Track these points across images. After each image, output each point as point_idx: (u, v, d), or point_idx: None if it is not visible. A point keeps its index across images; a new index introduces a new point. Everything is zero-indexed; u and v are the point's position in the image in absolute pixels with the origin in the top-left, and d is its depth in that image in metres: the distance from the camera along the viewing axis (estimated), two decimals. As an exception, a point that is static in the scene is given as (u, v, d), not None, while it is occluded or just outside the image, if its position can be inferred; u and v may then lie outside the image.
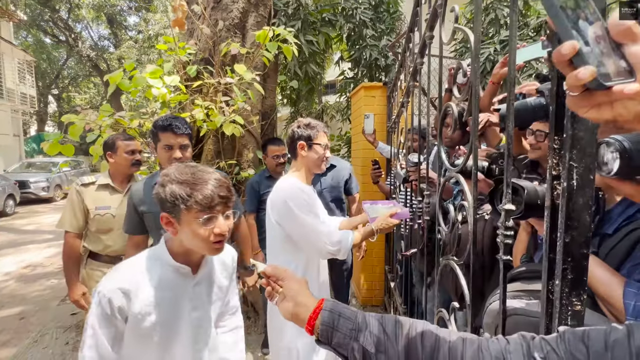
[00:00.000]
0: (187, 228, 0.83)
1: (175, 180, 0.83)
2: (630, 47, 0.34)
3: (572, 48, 0.33)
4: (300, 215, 1.30)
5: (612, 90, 0.34)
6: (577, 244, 0.49)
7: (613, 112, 0.36)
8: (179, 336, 0.91)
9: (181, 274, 0.91)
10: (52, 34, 18.20)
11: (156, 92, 2.30)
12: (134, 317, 0.83)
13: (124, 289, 0.82)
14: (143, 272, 0.87)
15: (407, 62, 1.81)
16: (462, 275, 0.99)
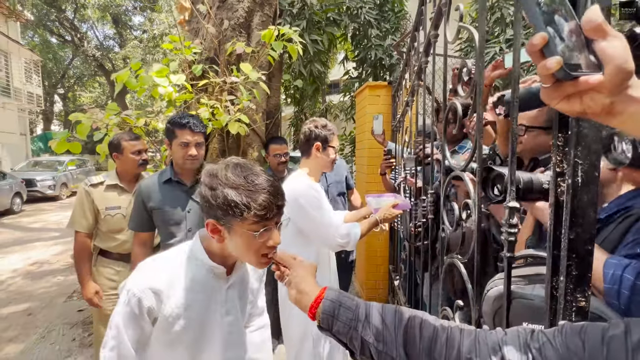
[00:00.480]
0: (238, 239, 0.75)
1: (228, 185, 0.73)
2: (600, 42, 0.36)
3: (541, 39, 0.36)
4: (311, 212, 1.37)
5: (578, 81, 0.36)
6: (582, 241, 0.49)
7: (582, 105, 0.38)
8: (209, 341, 0.86)
9: (215, 275, 0.85)
10: (58, 33, 18.39)
11: (162, 90, 2.32)
12: (164, 319, 0.78)
13: (155, 289, 0.77)
14: (177, 271, 0.82)
15: (412, 61, 1.81)
16: (465, 273, 1.00)
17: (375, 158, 2.88)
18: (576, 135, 0.48)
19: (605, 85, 0.36)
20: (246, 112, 2.60)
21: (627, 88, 0.37)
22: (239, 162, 0.79)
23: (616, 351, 0.38)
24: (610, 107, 0.38)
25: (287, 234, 1.46)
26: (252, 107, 2.71)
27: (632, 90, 0.37)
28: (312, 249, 1.46)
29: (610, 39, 0.36)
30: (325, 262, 1.52)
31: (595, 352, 0.39)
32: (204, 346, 0.85)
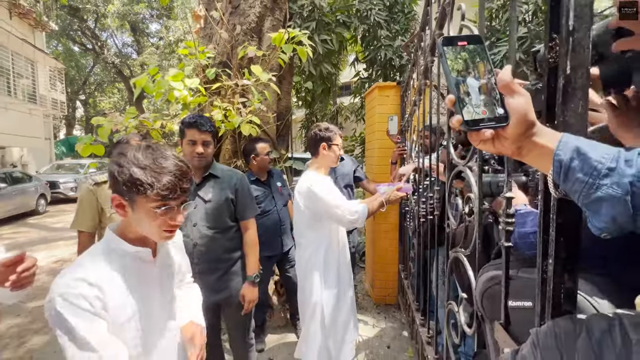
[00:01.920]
0: (141, 214, 0.78)
1: (135, 164, 0.76)
2: (507, 98, 0.45)
3: (450, 101, 0.46)
4: (322, 196, 1.59)
5: (480, 133, 0.45)
6: (570, 224, 0.52)
7: (495, 148, 0.47)
8: (155, 321, 0.87)
9: (142, 261, 0.85)
10: (80, 42, 19.19)
11: (178, 94, 2.42)
12: (111, 311, 0.75)
13: (89, 281, 0.73)
14: (104, 266, 0.78)
15: (419, 60, 1.83)
16: (468, 265, 1.02)
17: (384, 158, 2.90)
18: (562, 124, 0.51)
19: (510, 133, 0.45)
20: (257, 114, 2.67)
21: (532, 135, 0.45)
22: (151, 145, 0.82)
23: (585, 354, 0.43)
24: (518, 150, 0.47)
25: (303, 222, 1.70)
26: (263, 108, 2.78)
27: (537, 137, 0.45)
28: (325, 232, 1.69)
29: (516, 95, 0.45)
30: (335, 244, 1.72)
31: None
32: (150, 333, 0.85)
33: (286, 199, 2.60)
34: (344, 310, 1.71)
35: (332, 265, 1.68)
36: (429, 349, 1.68)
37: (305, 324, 1.73)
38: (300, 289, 1.77)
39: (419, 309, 2.05)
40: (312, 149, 1.77)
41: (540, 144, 0.45)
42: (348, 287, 1.76)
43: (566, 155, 0.42)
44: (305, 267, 1.70)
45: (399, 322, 2.77)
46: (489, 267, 0.94)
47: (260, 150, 2.41)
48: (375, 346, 2.45)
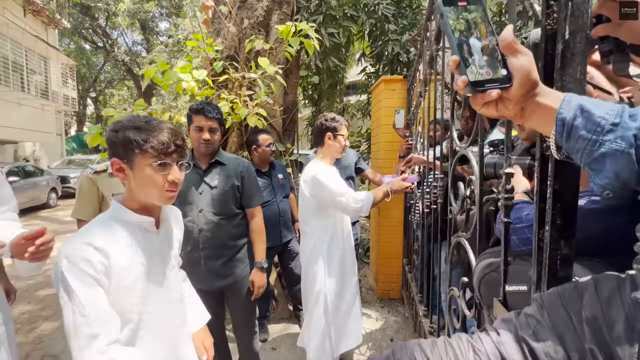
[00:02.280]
0: (140, 173, 0.81)
1: (129, 127, 0.80)
2: (511, 58, 0.44)
3: (453, 62, 0.45)
4: (327, 185, 1.61)
5: (485, 94, 0.44)
6: (566, 190, 0.52)
7: (498, 111, 0.47)
8: (156, 288, 0.89)
9: (146, 230, 0.88)
10: (91, 40, 19.50)
11: (186, 85, 2.45)
12: (117, 272, 0.78)
13: (96, 246, 0.76)
14: (110, 232, 0.81)
15: (425, 51, 1.83)
16: (469, 248, 1.02)
17: (390, 152, 2.90)
18: (560, 89, 0.51)
19: (514, 95, 0.44)
20: (264, 107, 2.70)
21: (535, 95, 0.45)
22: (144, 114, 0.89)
23: (593, 309, 0.41)
24: (521, 112, 0.46)
25: (308, 210, 1.73)
26: (269, 102, 2.80)
27: (540, 97, 0.45)
28: (330, 221, 1.70)
29: (519, 55, 0.44)
30: (340, 233, 1.73)
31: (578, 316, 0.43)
32: (152, 299, 0.87)
33: (287, 191, 2.61)
34: (347, 298, 1.72)
35: (336, 253, 1.69)
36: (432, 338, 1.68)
37: (308, 312, 1.74)
38: (304, 277, 1.79)
39: (422, 300, 2.05)
40: (318, 138, 1.77)
41: (543, 104, 0.44)
42: (352, 275, 1.76)
43: (569, 113, 0.42)
44: (309, 255, 1.71)
45: (403, 316, 2.77)
46: (486, 255, 0.94)
47: (262, 141, 2.42)
48: (379, 339, 2.46)
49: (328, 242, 1.68)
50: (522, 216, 0.73)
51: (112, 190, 1.81)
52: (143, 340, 0.84)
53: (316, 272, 1.68)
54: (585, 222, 0.64)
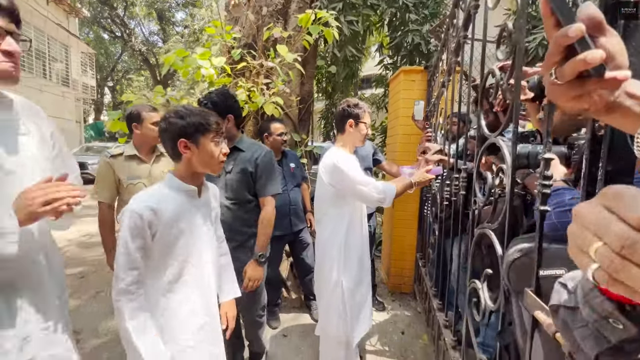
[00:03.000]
0: (204, 149, 1.04)
1: (188, 114, 1.03)
2: (601, 39, 0.36)
3: (579, 31, 0.34)
4: (349, 174, 1.55)
5: (605, 79, 0.35)
6: (620, 173, 0.49)
7: (590, 101, 0.38)
8: (195, 245, 1.08)
9: (191, 196, 1.08)
10: (109, 30, 19.82)
11: (204, 72, 2.46)
12: (162, 230, 0.98)
13: (152, 207, 0.97)
14: (164, 195, 1.03)
15: (450, 39, 1.78)
16: (495, 239, 0.99)
17: (407, 145, 2.85)
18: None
19: (611, 81, 0.36)
20: (280, 95, 2.68)
21: (627, 86, 0.38)
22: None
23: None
24: (610, 104, 0.38)
25: (325, 199, 1.68)
26: (286, 90, 2.79)
27: (627, 85, 0.38)
28: (346, 209, 1.66)
29: (609, 35, 0.36)
30: (357, 222, 1.70)
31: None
32: (192, 250, 1.07)
33: (299, 181, 2.58)
34: (364, 290, 1.71)
35: (353, 242, 1.65)
36: (447, 332, 1.66)
37: (324, 300, 1.72)
38: (318, 265, 1.76)
39: (437, 294, 2.02)
40: (339, 124, 1.70)
41: (634, 93, 0.38)
42: (368, 265, 1.75)
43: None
44: (325, 243, 1.68)
45: (414, 311, 2.75)
46: (519, 240, 0.91)
47: (274, 130, 2.39)
48: (389, 332, 2.45)
49: (345, 231, 1.64)
50: (564, 200, 0.70)
51: (128, 173, 1.87)
52: (183, 284, 1.04)
53: (333, 261, 1.64)
54: None
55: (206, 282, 1.11)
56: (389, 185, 1.59)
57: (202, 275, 1.10)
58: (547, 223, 0.74)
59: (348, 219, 1.65)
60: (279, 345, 2.27)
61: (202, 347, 1.08)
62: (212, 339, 1.13)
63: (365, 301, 1.73)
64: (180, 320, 1.03)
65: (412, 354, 2.18)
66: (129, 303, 0.94)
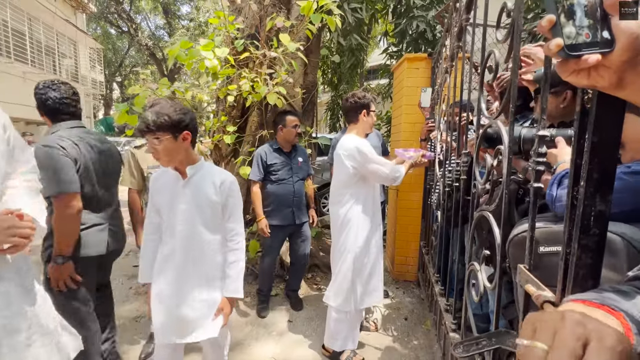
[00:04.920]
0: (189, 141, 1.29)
1: (189, 112, 1.29)
2: (615, 19, 0.37)
3: (548, 22, 0.39)
4: (370, 157, 1.79)
5: (580, 59, 0.39)
6: (605, 144, 0.49)
7: (589, 80, 0.40)
8: (174, 215, 1.31)
9: (176, 176, 1.32)
10: (116, 25, 19.92)
11: (208, 63, 2.48)
12: (153, 191, 1.34)
13: (155, 177, 1.36)
14: (165, 171, 1.34)
15: (453, 23, 1.75)
16: (494, 222, 1.00)
17: (412, 133, 2.84)
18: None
19: (614, 61, 0.38)
20: (284, 85, 2.69)
21: (639, 64, 0.38)
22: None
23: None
24: (618, 82, 0.40)
25: (344, 178, 1.86)
26: (290, 81, 2.79)
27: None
28: (363, 189, 1.87)
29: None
30: (371, 199, 1.91)
31: None
32: (168, 219, 1.32)
33: (304, 175, 2.61)
34: (373, 255, 1.90)
35: (367, 218, 1.86)
36: (447, 316, 1.68)
37: (336, 271, 1.89)
38: (334, 242, 1.94)
39: (439, 280, 2.04)
40: (352, 115, 1.91)
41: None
42: (377, 232, 1.94)
43: None
44: (342, 220, 1.85)
45: (418, 298, 2.77)
46: (524, 220, 0.92)
47: (289, 122, 2.44)
48: (393, 318, 2.49)
49: (361, 207, 1.84)
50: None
51: (147, 163, 2.05)
52: (166, 247, 1.32)
53: (347, 235, 1.83)
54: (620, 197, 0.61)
55: (182, 252, 1.30)
56: (399, 166, 1.88)
57: (178, 244, 1.30)
58: (559, 204, 0.75)
59: (363, 197, 1.86)
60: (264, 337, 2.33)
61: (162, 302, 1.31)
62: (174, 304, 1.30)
63: (375, 269, 1.92)
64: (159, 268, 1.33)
65: (415, 339, 2.21)
66: (146, 235, 1.37)
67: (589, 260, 0.52)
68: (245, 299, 2.72)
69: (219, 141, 2.94)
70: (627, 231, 0.63)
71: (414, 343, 2.17)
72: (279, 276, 2.97)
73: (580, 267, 0.53)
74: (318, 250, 3.33)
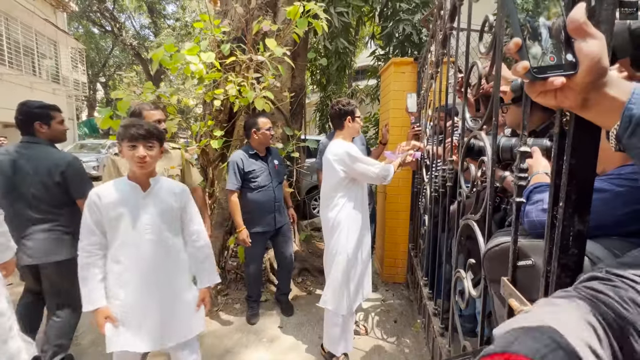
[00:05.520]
0: (125, 154, 1.34)
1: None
2: (579, 42, 0.39)
3: (514, 45, 0.40)
4: (359, 158, 1.86)
5: (546, 82, 0.40)
6: (583, 166, 0.50)
7: (556, 101, 0.42)
8: (136, 227, 1.33)
9: (133, 189, 1.35)
10: (99, 24, 19.41)
11: (194, 67, 2.43)
12: (104, 209, 1.30)
13: (98, 193, 1.32)
14: (110, 186, 1.35)
15: (437, 30, 1.77)
16: (479, 231, 1.01)
17: (399, 137, 2.86)
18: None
19: (578, 83, 0.40)
20: (271, 90, 2.67)
21: (602, 86, 0.40)
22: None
23: None
24: (583, 102, 0.41)
25: (333, 182, 1.90)
26: (277, 85, 2.77)
27: (608, 88, 0.40)
28: (352, 190, 1.92)
29: (589, 39, 0.39)
30: (360, 200, 1.97)
31: None
32: (131, 230, 1.33)
33: (282, 178, 2.58)
34: (364, 256, 1.97)
35: (357, 220, 1.91)
36: (435, 319, 1.70)
37: (329, 274, 1.94)
38: (326, 240, 1.99)
39: (427, 284, 2.06)
40: (337, 122, 1.97)
41: (610, 95, 0.40)
42: (367, 235, 2.00)
43: (639, 109, 0.38)
44: (332, 223, 1.90)
45: (407, 300, 2.80)
46: (499, 233, 0.93)
47: (262, 124, 2.36)
48: (383, 320, 2.50)
49: (351, 209, 1.89)
50: (544, 199, 0.70)
51: (128, 171, 1.94)
52: (124, 256, 1.32)
53: (338, 237, 1.88)
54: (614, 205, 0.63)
55: (148, 259, 1.35)
56: (388, 165, 1.93)
57: (142, 252, 1.34)
58: (527, 220, 0.75)
59: (353, 198, 1.92)
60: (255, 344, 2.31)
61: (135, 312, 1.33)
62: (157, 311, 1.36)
63: (366, 269, 2.01)
64: (118, 283, 1.33)
65: (405, 341, 2.23)
66: (84, 259, 1.29)
67: (568, 280, 0.53)
68: (234, 305, 2.69)
69: (206, 146, 2.90)
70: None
71: (403, 346, 2.19)
72: (269, 281, 2.95)
73: (561, 285, 0.54)
74: (308, 254, 3.33)
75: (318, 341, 2.21)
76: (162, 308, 1.37)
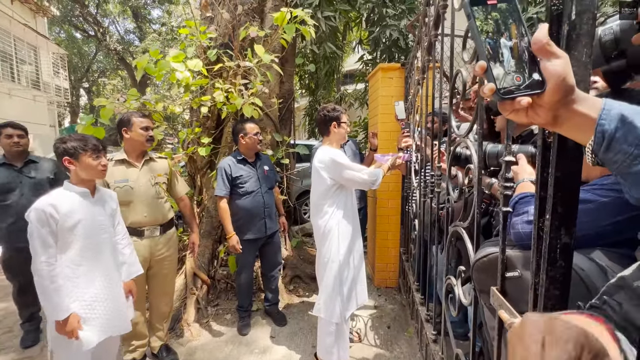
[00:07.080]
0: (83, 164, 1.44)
1: (69, 139, 1.42)
2: (544, 61, 0.40)
3: (480, 67, 0.41)
4: (345, 164, 1.83)
5: (514, 102, 0.41)
6: (568, 178, 0.51)
7: (528, 118, 0.43)
8: (93, 232, 1.46)
9: (84, 195, 1.46)
10: (82, 29, 18.99)
11: (180, 75, 2.39)
12: (62, 220, 1.35)
13: (52, 204, 1.34)
14: (62, 196, 1.41)
15: (423, 37, 1.79)
16: (467, 239, 1.01)
17: (388, 141, 2.88)
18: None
19: (546, 101, 0.40)
20: (259, 96, 2.64)
21: (571, 102, 0.41)
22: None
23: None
24: (554, 120, 0.42)
25: (322, 189, 1.89)
26: (265, 91, 2.75)
27: (577, 104, 0.41)
28: (342, 197, 1.92)
29: (553, 58, 0.40)
30: (350, 206, 1.96)
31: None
32: (90, 233, 1.44)
33: (272, 183, 2.53)
34: (356, 262, 1.96)
35: (347, 226, 1.91)
36: (428, 325, 1.70)
37: (322, 282, 1.92)
38: (318, 248, 1.98)
39: (419, 289, 2.06)
40: (323, 128, 1.96)
41: (580, 112, 0.41)
42: (359, 241, 1.99)
43: (611, 125, 0.39)
44: (323, 230, 1.89)
45: (399, 304, 2.80)
46: (488, 243, 0.94)
47: (249, 130, 2.34)
48: (376, 326, 2.49)
49: (341, 216, 1.88)
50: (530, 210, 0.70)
51: (115, 177, 1.95)
52: (83, 258, 1.42)
53: (330, 245, 1.87)
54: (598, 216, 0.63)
55: (105, 256, 1.51)
56: (376, 170, 1.93)
57: (101, 251, 1.49)
58: (513, 232, 0.75)
59: (343, 205, 1.91)
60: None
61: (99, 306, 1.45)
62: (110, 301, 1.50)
63: (359, 275, 1.98)
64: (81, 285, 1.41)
65: (398, 347, 2.23)
66: (49, 272, 1.32)
67: (556, 292, 0.53)
68: (225, 316, 2.64)
69: (194, 153, 2.85)
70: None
71: (397, 352, 2.18)
72: (261, 290, 2.91)
73: (549, 298, 0.54)
74: (299, 260, 3.30)
75: (312, 350, 2.18)
76: (114, 299, 1.53)
